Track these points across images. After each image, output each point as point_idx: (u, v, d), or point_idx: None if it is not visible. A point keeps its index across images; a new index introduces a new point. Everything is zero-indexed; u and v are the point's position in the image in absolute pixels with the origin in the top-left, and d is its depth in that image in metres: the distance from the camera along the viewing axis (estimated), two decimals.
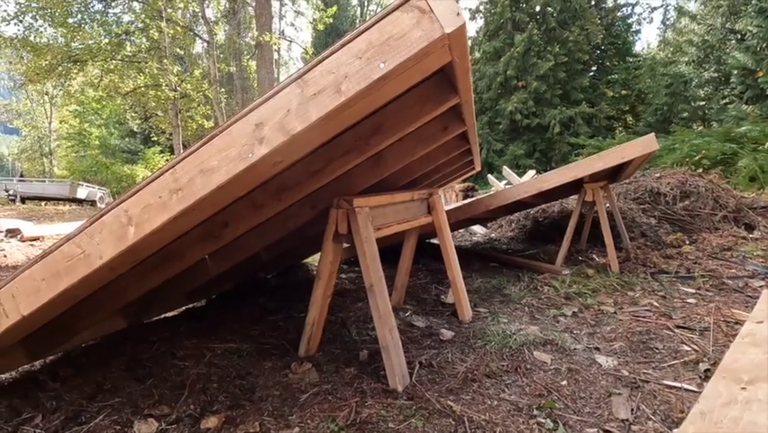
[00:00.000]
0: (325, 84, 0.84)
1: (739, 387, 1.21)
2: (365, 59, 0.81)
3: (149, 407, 1.42)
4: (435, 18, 0.76)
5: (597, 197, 3.26)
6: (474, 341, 2.01)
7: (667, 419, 1.38)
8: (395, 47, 0.79)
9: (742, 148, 8.52)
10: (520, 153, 16.39)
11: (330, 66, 0.83)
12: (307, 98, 0.85)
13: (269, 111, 0.87)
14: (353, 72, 0.82)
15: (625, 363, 1.78)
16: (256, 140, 0.87)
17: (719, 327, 2.06)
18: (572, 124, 16.28)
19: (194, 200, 0.90)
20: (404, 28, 0.78)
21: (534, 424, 1.35)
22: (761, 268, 3.17)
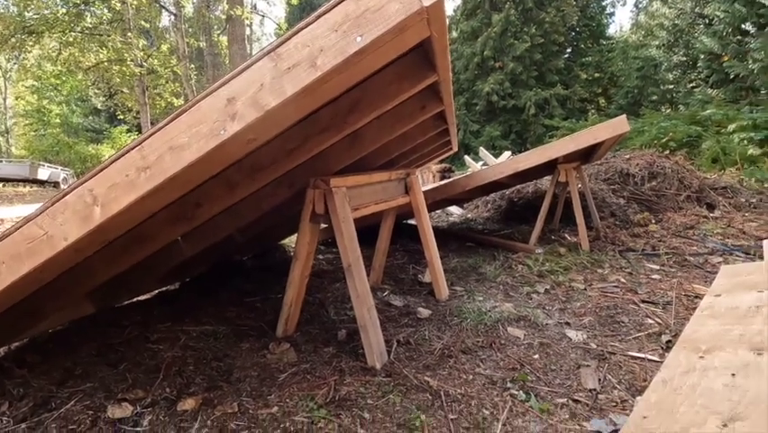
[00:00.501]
0: (300, 58, 0.81)
1: (698, 356, 1.28)
2: (341, 32, 0.78)
3: (122, 391, 1.39)
4: None
5: (570, 177, 3.34)
6: (451, 318, 2.05)
7: (631, 388, 1.45)
8: (372, 20, 0.77)
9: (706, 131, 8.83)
10: (496, 135, 16.53)
11: (305, 39, 0.80)
12: (282, 72, 0.82)
13: (242, 85, 0.84)
14: (329, 46, 0.79)
15: (593, 337, 1.85)
16: (228, 116, 0.83)
17: (681, 301, 2.17)
18: (547, 105, 16.49)
19: (164, 179, 0.87)
20: (381, 0, 0.76)
21: (507, 396, 1.40)
22: (719, 245, 3.34)
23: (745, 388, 1.08)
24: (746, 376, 1.13)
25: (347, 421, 1.25)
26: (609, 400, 1.38)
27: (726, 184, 5.24)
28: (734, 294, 1.68)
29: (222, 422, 1.26)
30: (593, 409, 1.33)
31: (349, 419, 1.26)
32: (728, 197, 4.94)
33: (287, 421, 1.25)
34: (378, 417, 1.28)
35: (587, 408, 1.34)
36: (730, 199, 4.88)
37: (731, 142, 7.87)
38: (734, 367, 1.19)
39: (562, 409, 1.33)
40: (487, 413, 1.31)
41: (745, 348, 1.26)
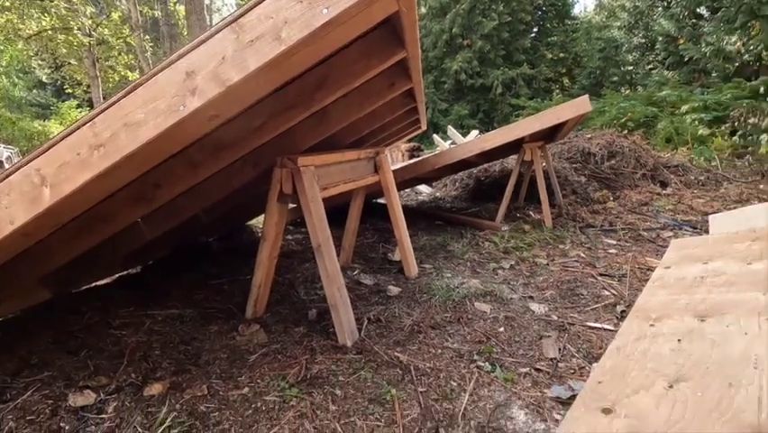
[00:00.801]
0: (264, 30, 0.77)
1: (648, 324, 1.37)
2: (307, 3, 0.75)
3: (84, 379, 1.34)
4: None
5: (534, 156, 3.42)
6: (420, 295, 2.10)
7: (588, 356, 1.54)
8: None
9: (661, 111, 9.23)
10: (464, 113, 16.62)
11: (268, 9, 0.77)
12: (244, 45, 0.78)
13: (202, 58, 0.79)
14: (294, 17, 0.76)
15: (554, 309, 1.94)
16: (188, 90, 0.79)
17: (635, 274, 2.31)
18: (514, 85, 16.68)
19: (119, 157, 0.82)
20: None
21: (474, 368, 1.46)
22: (670, 221, 3.54)
23: (690, 352, 1.17)
24: (691, 341, 1.23)
25: (319, 398, 1.27)
26: (569, 368, 1.46)
27: (678, 163, 5.53)
28: (682, 266, 1.80)
29: (191, 405, 1.24)
30: (554, 377, 1.41)
31: (321, 396, 1.28)
32: (680, 175, 5.22)
33: (258, 401, 1.26)
34: (349, 393, 1.30)
35: (548, 376, 1.42)
36: (681, 177, 5.16)
37: (684, 122, 8.26)
38: (680, 333, 1.28)
39: (525, 378, 1.40)
40: (454, 385, 1.36)
41: (690, 315, 1.36)
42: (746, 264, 1.61)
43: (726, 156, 6.91)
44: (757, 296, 1.38)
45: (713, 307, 1.38)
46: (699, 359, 1.13)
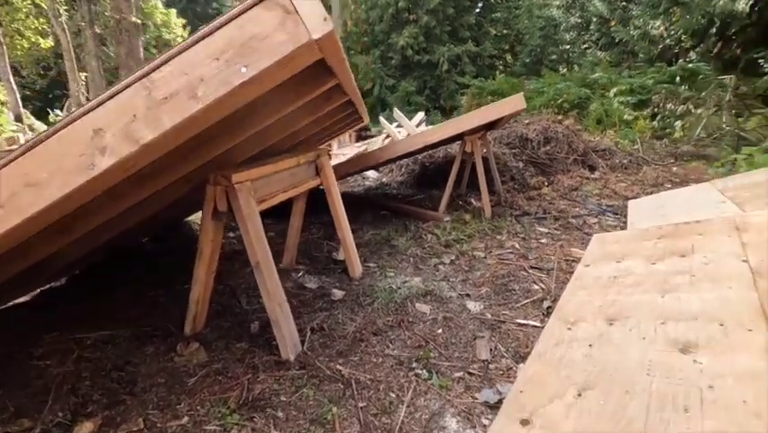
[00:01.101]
0: (178, 87, 0.73)
1: (566, 327, 1.51)
2: (224, 60, 0.72)
3: (3, 423, 1.27)
4: (301, 21, 0.70)
5: (475, 147, 3.53)
6: (363, 299, 2.14)
7: (516, 355, 1.68)
8: (258, 49, 0.71)
9: (593, 93, 9.75)
10: (411, 90, 16.61)
11: (182, 65, 0.73)
12: (157, 102, 0.74)
13: (111, 115, 0.74)
14: (211, 75, 0.72)
15: (489, 307, 2.07)
16: (97, 149, 0.74)
17: (561, 266, 2.50)
18: (459, 62, 16.83)
19: (21, 219, 0.76)
20: (267, 28, 0.71)
21: (412, 376, 1.54)
22: (595, 206, 3.83)
23: (598, 358, 1.32)
24: (600, 347, 1.37)
25: (260, 424, 1.29)
26: (498, 370, 1.59)
27: (605, 147, 5.93)
28: (599, 264, 1.98)
29: None
30: (484, 380, 1.52)
31: (263, 421, 1.30)
32: (606, 158, 5.62)
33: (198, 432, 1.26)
34: (291, 414, 1.34)
35: (479, 379, 1.53)
36: (608, 161, 5.55)
37: (612, 105, 8.80)
38: (591, 338, 1.43)
39: (458, 384, 1.50)
40: (393, 396, 1.43)
41: (601, 319, 1.52)
42: (651, 264, 1.81)
43: (647, 138, 7.49)
44: (656, 298, 1.56)
45: (621, 310, 1.55)
46: (605, 365, 1.28)
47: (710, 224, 2.00)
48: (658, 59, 13.52)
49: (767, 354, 1.09)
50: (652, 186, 4.59)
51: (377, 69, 16.97)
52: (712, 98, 7.94)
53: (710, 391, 1.03)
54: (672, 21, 12.10)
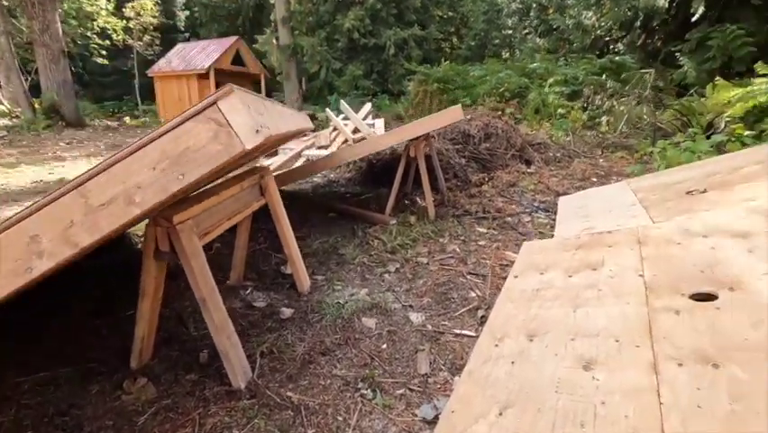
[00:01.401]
0: (115, 194, 0.76)
1: (494, 344, 1.69)
2: (160, 170, 0.76)
3: None
4: (235, 133, 0.75)
5: (418, 152, 3.66)
6: (312, 316, 2.23)
7: (452, 367, 1.85)
8: (193, 159, 0.76)
9: (532, 83, 10.22)
10: (359, 74, 16.45)
11: (119, 175, 0.75)
12: (95, 209, 0.76)
13: (46, 222, 0.76)
14: (148, 183, 0.76)
15: (429, 318, 2.24)
16: (34, 254, 0.76)
17: (495, 271, 2.72)
18: (406, 46, 16.83)
19: None
20: (201, 140, 0.75)
21: (358, 397, 1.66)
22: (529, 205, 4.13)
23: (518, 376, 1.50)
24: (521, 364, 1.56)
25: None
26: (436, 384, 1.75)
27: (541, 140, 6.31)
28: (526, 275, 2.19)
29: None
30: (424, 395, 1.68)
31: None
32: (541, 152, 5.99)
33: None
34: None
35: (419, 394, 1.69)
36: (543, 154, 5.93)
37: (549, 95, 9.28)
38: (514, 355, 1.62)
39: (400, 401, 1.65)
40: (340, 420, 1.55)
41: (523, 335, 1.71)
42: (568, 277, 2.03)
43: (579, 128, 8.02)
44: (569, 313, 1.78)
45: (540, 325, 1.75)
46: (523, 383, 1.46)
47: (618, 235, 2.26)
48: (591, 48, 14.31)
49: (650, 370, 1.31)
50: (580, 180, 4.98)
51: (323, 51, 16.61)
52: (635, 91, 8.59)
53: (602, 407, 1.23)
54: (603, 12, 12.80)
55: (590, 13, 13.52)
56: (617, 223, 2.72)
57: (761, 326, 1.32)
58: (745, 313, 1.38)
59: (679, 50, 10.50)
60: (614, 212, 3.11)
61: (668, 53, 11.11)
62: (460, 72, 12.35)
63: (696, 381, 1.21)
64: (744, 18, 9.48)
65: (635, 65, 9.94)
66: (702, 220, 2.13)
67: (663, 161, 5.20)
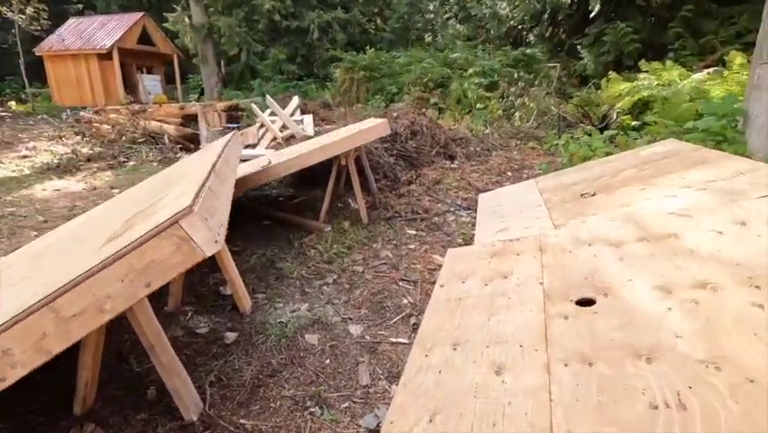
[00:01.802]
0: (86, 304, 0.84)
1: (424, 355, 1.95)
2: (128, 281, 0.85)
3: None
4: (196, 244, 0.86)
5: (348, 161, 3.81)
6: (256, 338, 2.34)
7: (390, 376, 2.09)
8: (158, 270, 0.86)
9: (454, 73, 10.67)
10: (282, 58, 15.92)
11: (89, 289, 0.83)
12: (66, 320, 0.84)
13: (18, 338, 0.82)
14: (117, 293, 0.85)
15: (367, 328, 2.46)
16: (7, 365, 0.82)
17: (425, 276, 3.00)
18: (330, 29, 16.54)
19: None
20: (165, 253, 0.86)
21: (307, 415, 1.84)
22: (453, 204, 4.48)
23: (444, 384, 1.77)
24: (446, 372, 1.83)
25: None
26: (376, 393, 1.98)
27: (462, 135, 6.73)
28: (450, 285, 2.48)
29: None
30: (366, 406, 1.90)
31: None
32: (463, 147, 6.41)
33: None
34: None
35: (362, 405, 1.91)
36: (464, 149, 6.35)
37: (469, 85, 9.78)
38: (440, 364, 1.88)
39: (345, 414, 1.85)
40: None
41: (449, 345, 1.99)
42: (485, 286, 2.35)
43: (497, 119, 8.61)
44: (485, 321, 2.09)
45: (462, 334, 2.04)
46: (448, 391, 1.73)
47: (524, 243, 2.63)
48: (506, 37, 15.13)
49: (544, 371, 1.64)
50: (497, 175, 5.46)
51: (242, 33, 15.78)
52: (543, 83, 9.36)
53: (509, 407, 1.53)
54: (516, 4, 13.55)
55: (504, 4, 14.27)
56: (526, 225, 3.11)
57: (624, 328, 1.70)
58: (614, 317, 1.76)
59: (580, 44, 11.57)
60: (524, 212, 3.54)
61: (571, 45, 12.19)
62: (385, 60, 12.51)
63: (576, 378, 1.55)
64: (631, 16, 10.67)
65: (543, 58, 10.78)
66: (588, 227, 2.55)
67: (567, 154, 5.84)
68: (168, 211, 0.90)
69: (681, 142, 3.85)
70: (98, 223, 1.95)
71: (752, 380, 1.27)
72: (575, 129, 7.42)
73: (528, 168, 5.69)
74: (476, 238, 3.27)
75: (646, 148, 4.03)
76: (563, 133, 7.05)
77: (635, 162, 3.65)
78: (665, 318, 1.62)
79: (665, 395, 1.32)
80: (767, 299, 1.56)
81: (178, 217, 0.88)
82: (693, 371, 1.37)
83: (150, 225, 0.86)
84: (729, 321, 1.52)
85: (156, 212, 1.01)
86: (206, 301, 2.72)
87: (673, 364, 1.41)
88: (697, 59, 8.97)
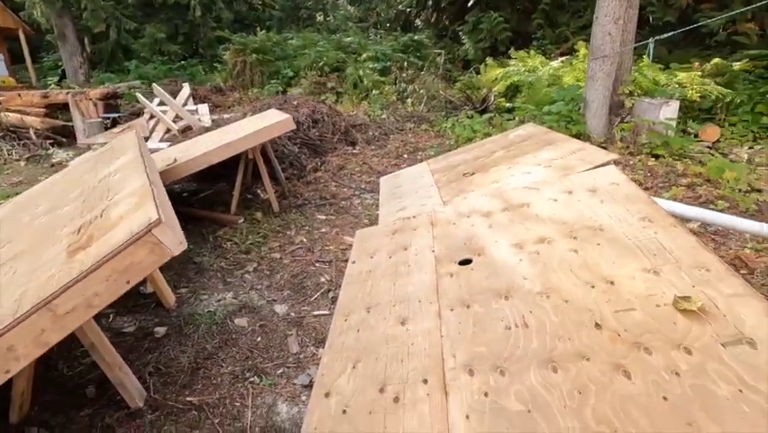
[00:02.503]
0: (77, 303, 1.04)
1: (344, 320, 2.35)
2: (111, 281, 1.06)
3: None
4: (166, 246, 1.10)
5: (255, 155, 3.96)
6: (187, 328, 2.51)
7: (316, 342, 2.45)
8: (136, 269, 1.09)
9: (348, 58, 10.94)
10: (161, 37, 14.56)
11: (80, 289, 1.03)
12: (61, 316, 1.03)
13: (20, 336, 0.99)
14: (103, 291, 1.06)
15: (291, 306, 2.77)
16: (12, 359, 0.99)
17: (338, 256, 3.38)
18: (214, 6, 15.52)
19: None
20: (141, 256, 1.08)
21: (248, 384, 2.12)
22: (357, 188, 4.89)
23: (362, 339, 2.19)
24: (363, 330, 2.25)
25: None
26: (306, 358, 2.33)
27: (361, 121, 7.13)
28: (361, 260, 2.90)
29: None
30: (299, 369, 2.24)
31: None
32: (363, 132, 6.82)
33: None
34: None
35: (296, 369, 2.24)
36: (364, 134, 6.77)
37: (364, 70, 10.16)
38: (358, 325, 2.29)
39: (281, 378, 2.18)
40: (238, 405, 2.00)
41: (363, 308, 2.40)
42: (389, 258, 2.81)
43: (393, 102, 9.17)
44: (391, 286, 2.55)
45: (373, 299, 2.47)
46: (366, 344, 2.16)
47: (419, 219, 3.15)
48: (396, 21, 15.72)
49: (437, 317, 2.14)
50: (395, 158, 5.98)
51: (108, 7, 14.06)
52: (431, 68, 10.13)
53: (412, 347, 2.00)
54: None
55: None
56: (421, 203, 3.65)
57: (490, 277, 2.26)
58: (484, 270, 2.32)
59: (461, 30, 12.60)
60: (418, 192, 4.09)
61: (454, 31, 13.21)
62: (278, 42, 12.26)
63: (458, 318, 2.06)
64: (502, 7, 11.91)
65: (430, 44, 11.57)
66: (468, 202, 3.14)
67: (454, 135, 6.59)
68: (136, 223, 1.11)
69: (538, 126, 4.72)
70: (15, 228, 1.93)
71: (566, 300, 1.90)
72: (460, 112, 8.29)
73: (422, 150, 6.31)
74: (380, 218, 3.73)
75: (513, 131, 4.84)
76: (450, 117, 7.86)
77: (504, 144, 4.41)
78: (517, 267, 2.23)
79: (515, 319, 1.90)
80: (580, 246, 2.23)
81: (151, 227, 1.10)
82: (533, 300, 1.97)
83: (123, 234, 1.07)
84: (556, 263, 2.16)
85: (116, 224, 1.19)
86: (127, 302, 2.76)
87: (521, 298, 2.01)
88: (555, 48, 10.46)
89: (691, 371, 1.48)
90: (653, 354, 1.56)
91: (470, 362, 1.77)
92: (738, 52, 7.12)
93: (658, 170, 4.55)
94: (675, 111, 5.09)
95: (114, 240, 1.08)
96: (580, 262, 2.08)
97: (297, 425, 1.89)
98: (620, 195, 2.48)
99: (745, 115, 5.97)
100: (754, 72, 6.47)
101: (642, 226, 2.18)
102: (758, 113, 5.94)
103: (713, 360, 1.50)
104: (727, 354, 1.51)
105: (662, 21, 8.89)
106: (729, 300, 1.68)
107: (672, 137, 4.98)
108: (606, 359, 1.59)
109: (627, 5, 5.29)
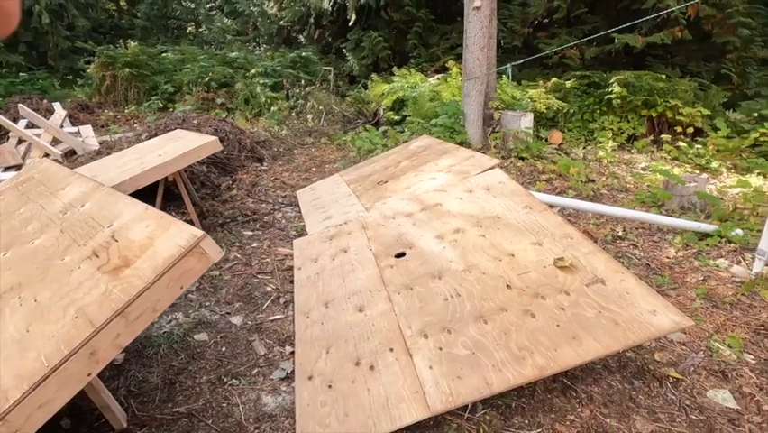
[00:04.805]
0: (144, 308, 1.24)
1: (306, 317, 2.67)
2: (170, 287, 1.29)
3: None
4: (209, 257, 1.36)
5: (176, 177, 3.96)
6: (147, 351, 2.56)
7: (280, 342, 2.71)
8: (188, 276, 1.33)
9: (236, 73, 10.82)
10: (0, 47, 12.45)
11: (147, 297, 1.24)
12: (131, 321, 1.23)
13: (101, 341, 1.17)
14: (164, 296, 1.28)
15: (246, 316, 2.96)
16: (94, 363, 1.17)
17: (277, 266, 3.62)
18: (65, 12, 13.77)
19: None
20: (191, 265, 1.33)
21: (229, 387, 2.32)
22: (276, 202, 5.11)
23: (327, 329, 2.54)
24: (326, 322, 2.60)
25: None
26: (275, 356, 2.59)
27: (264, 137, 7.27)
28: (306, 266, 3.23)
29: None
30: (271, 366, 2.50)
31: None
32: (267, 148, 6.98)
33: None
34: None
35: (268, 366, 2.49)
36: (269, 151, 6.93)
37: (255, 86, 10.16)
38: (321, 318, 2.63)
39: (258, 376, 2.41)
40: (225, 405, 2.20)
41: (321, 305, 2.75)
42: (332, 260, 3.20)
43: (288, 117, 9.38)
44: (341, 283, 2.94)
45: (328, 295, 2.84)
46: (332, 332, 2.52)
47: (351, 225, 3.59)
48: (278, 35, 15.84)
49: (388, 301, 2.61)
50: (305, 172, 6.29)
51: None
52: (323, 83, 10.60)
53: (373, 327, 2.44)
54: (283, 6, 14.36)
55: (272, 3, 14.90)
56: (345, 211, 4.10)
57: (423, 264, 2.80)
58: (417, 259, 2.86)
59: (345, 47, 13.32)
60: (339, 202, 4.52)
61: (338, 48, 13.87)
62: (152, 55, 11.50)
63: (405, 299, 2.56)
64: (381, 27, 12.95)
65: (317, 60, 12.02)
66: (389, 206, 3.68)
67: (356, 148, 7.12)
68: (182, 238, 1.33)
69: (432, 138, 5.52)
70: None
71: (483, 272, 2.53)
72: (356, 125, 8.90)
73: (328, 162, 6.73)
74: (308, 228, 4.08)
75: (412, 143, 5.57)
76: (349, 130, 8.42)
77: (408, 155, 5.09)
78: (443, 253, 2.82)
79: (450, 292, 2.47)
80: (486, 232, 2.91)
81: (199, 240, 1.33)
82: (460, 276, 2.56)
83: (171, 249, 1.29)
84: (471, 247, 2.80)
85: (152, 243, 1.38)
86: None
87: (451, 276, 2.59)
88: (430, 66, 11.76)
89: (571, 306, 2.21)
90: (546, 299, 2.27)
91: (424, 328, 2.29)
92: (567, 72, 9.04)
93: (525, 170, 5.70)
94: (531, 121, 6.37)
95: (165, 255, 1.29)
96: (488, 243, 2.76)
97: (285, 409, 2.18)
98: (507, 190, 3.27)
99: (578, 122, 7.70)
100: (580, 88, 8.33)
101: (525, 213, 2.95)
102: (586, 120, 7.71)
103: (582, 296, 2.25)
104: (590, 290, 2.27)
105: (511, 45, 10.74)
106: (587, 257, 2.48)
107: (531, 142, 6.23)
108: (518, 308, 2.25)
109: (489, 36, 6.46)
